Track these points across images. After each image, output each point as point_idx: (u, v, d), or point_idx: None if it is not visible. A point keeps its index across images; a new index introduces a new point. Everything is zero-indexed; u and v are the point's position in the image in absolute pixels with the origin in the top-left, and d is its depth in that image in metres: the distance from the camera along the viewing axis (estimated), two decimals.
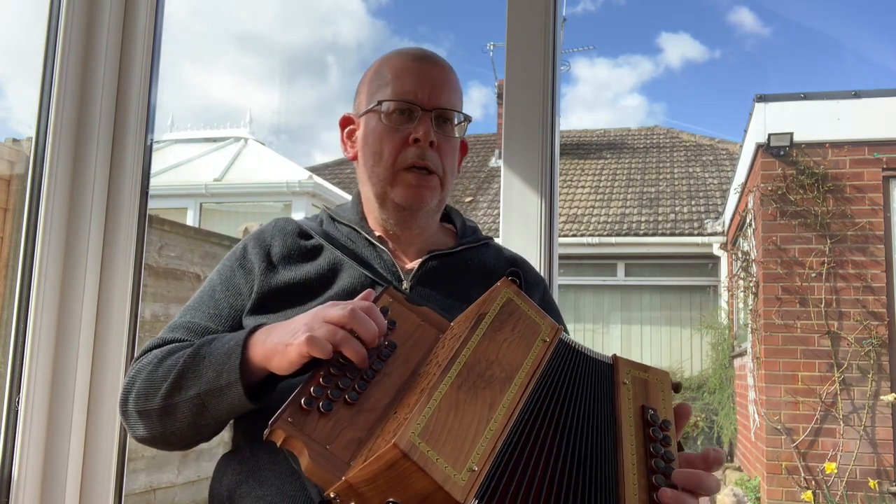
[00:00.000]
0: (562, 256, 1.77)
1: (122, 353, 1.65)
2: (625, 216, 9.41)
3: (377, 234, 1.14)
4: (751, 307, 6.08)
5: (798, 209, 5.57)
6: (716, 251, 8.49)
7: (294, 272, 1.08)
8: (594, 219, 9.43)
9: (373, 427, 0.76)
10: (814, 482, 5.26)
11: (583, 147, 11.80)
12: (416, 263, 1.12)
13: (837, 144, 5.57)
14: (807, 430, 5.36)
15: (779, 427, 5.42)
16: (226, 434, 1.06)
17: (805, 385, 5.42)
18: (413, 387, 0.78)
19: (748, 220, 6.32)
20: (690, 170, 10.46)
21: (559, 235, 2.25)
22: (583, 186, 10.39)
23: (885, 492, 5.10)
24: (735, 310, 7.57)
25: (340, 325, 0.81)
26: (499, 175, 1.90)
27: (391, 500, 0.66)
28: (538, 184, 1.59)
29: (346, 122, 1.20)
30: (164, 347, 1.03)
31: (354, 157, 1.17)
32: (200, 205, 8.29)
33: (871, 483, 4.91)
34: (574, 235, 9.03)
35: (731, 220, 7.65)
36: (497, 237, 1.38)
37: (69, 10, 1.66)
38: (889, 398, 4.97)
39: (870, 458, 5.20)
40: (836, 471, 5.13)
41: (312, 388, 0.77)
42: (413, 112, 1.10)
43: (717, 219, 8.77)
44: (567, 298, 9.05)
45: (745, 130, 6.43)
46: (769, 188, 5.66)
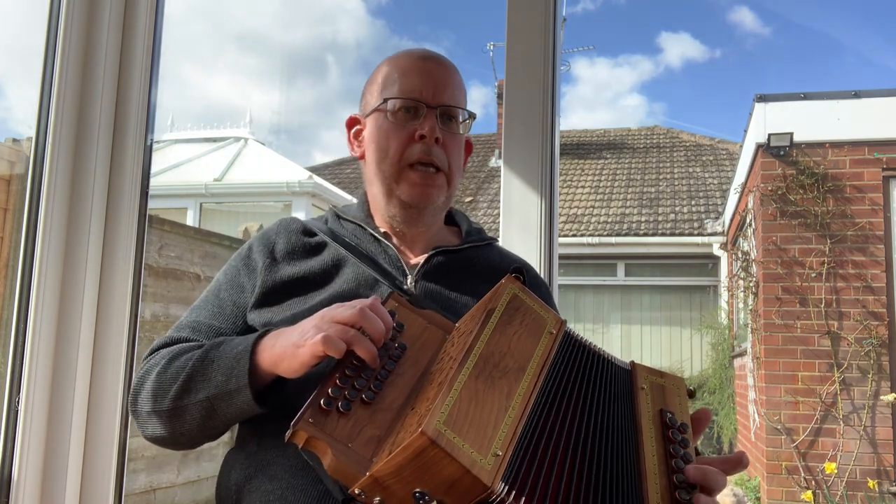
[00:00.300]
0: (562, 256, 1.77)
1: (122, 354, 1.65)
2: (625, 216, 9.41)
3: (382, 231, 1.16)
4: (751, 307, 6.08)
5: (798, 209, 5.57)
6: (716, 251, 8.49)
7: (297, 267, 1.09)
8: (594, 219, 9.43)
9: (391, 425, 0.77)
10: (814, 482, 5.26)
11: (583, 147, 11.81)
12: (422, 259, 1.13)
13: (837, 144, 5.57)
14: (807, 430, 5.36)
15: (779, 427, 5.42)
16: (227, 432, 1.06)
17: (805, 385, 5.42)
18: (428, 384, 0.80)
19: (748, 220, 6.32)
20: (690, 170, 10.47)
21: (559, 235, 2.26)
22: (583, 186, 10.39)
23: (885, 492, 5.10)
24: (735, 310, 7.57)
25: (350, 324, 0.83)
26: (499, 175, 1.90)
27: (418, 491, 0.67)
28: (538, 184, 1.58)
29: (353, 123, 1.22)
30: (173, 347, 1.04)
31: (362, 156, 1.19)
32: (200, 205, 8.30)
33: (871, 483, 4.91)
34: (574, 235, 9.03)
35: (731, 220, 7.65)
36: (497, 237, 1.38)
37: (69, 10, 1.66)
38: (889, 398, 4.96)
39: (870, 458, 5.20)
40: (836, 471, 5.14)
41: (330, 389, 0.78)
42: (418, 109, 1.11)
43: (717, 219, 8.77)
44: (567, 298, 9.05)
45: (745, 130, 6.44)
46: (769, 188, 5.66)
